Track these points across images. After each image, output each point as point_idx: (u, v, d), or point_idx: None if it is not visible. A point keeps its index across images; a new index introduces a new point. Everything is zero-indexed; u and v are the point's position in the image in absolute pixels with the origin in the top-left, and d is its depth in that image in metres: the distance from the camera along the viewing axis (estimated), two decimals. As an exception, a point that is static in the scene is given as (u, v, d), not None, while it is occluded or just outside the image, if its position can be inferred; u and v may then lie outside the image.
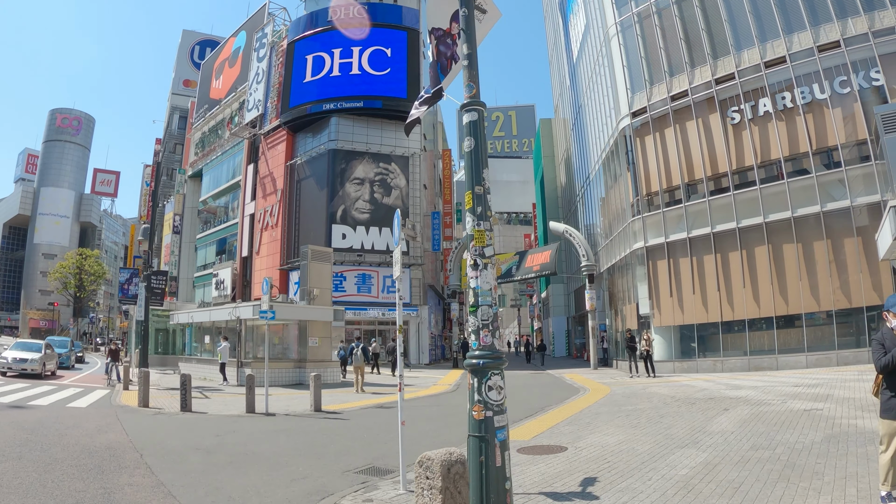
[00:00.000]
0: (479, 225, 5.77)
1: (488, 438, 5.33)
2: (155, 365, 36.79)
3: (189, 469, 8.59)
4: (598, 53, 33.78)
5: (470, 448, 5.48)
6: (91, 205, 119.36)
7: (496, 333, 5.65)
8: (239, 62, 55.15)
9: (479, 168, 5.89)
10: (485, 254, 5.74)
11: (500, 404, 5.44)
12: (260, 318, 16.50)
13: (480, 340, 5.65)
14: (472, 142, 5.92)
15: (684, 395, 16.03)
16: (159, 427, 12.99)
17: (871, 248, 21.32)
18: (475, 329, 5.65)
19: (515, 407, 15.84)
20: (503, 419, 5.46)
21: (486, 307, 5.66)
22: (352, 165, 41.93)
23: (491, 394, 5.41)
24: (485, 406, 5.41)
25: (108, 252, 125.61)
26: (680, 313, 25.51)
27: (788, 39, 23.89)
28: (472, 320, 5.67)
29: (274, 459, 9.30)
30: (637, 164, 28.10)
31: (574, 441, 9.81)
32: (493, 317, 5.66)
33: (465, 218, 5.93)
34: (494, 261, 5.83)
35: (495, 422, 5.39)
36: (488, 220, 5.81)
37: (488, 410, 5.39)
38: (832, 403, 11.93)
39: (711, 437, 9.42)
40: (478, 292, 5.73)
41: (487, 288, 5.69)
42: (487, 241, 5.78)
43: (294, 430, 12.52)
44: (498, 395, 5.45)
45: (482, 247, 5.76)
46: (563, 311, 54.42)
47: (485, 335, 5.61)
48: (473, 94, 6.00)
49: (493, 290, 5.70)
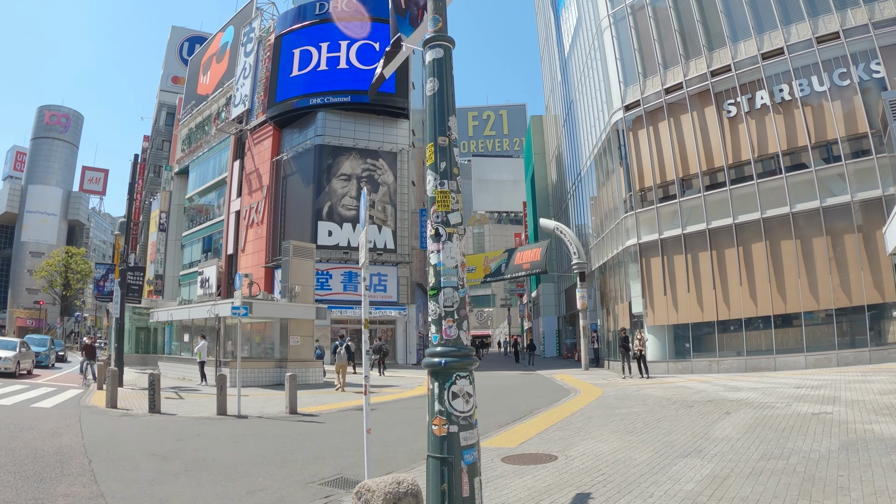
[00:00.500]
0: (442, 185, 4.79)
1: (452, 461, 4.31)
2: (136, 364, 36.10)
3: (137, 478, 7.82)
4: (591, 47, 33.03)
5: (429, 472, 4.47)
6: (79, 203, 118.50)
7: (463, 324, 4.62)
8: (226, 57, 54.35)
9: (443, 115, 4.95)
10: (449, 221, 4.72)
11: (467, 416, 4.41)
12: (232, 315, 15.57)
13: (443, 333, 4.59)
14: (435, 83, 5.00)
15: (681, 397, 15.21)
16: (120, 430, 12.27)
17: (872, 244, 20.69)
18: (436, 318, 4.65)
19: (501, 410, 15.04)
20: (472, 436, 4.45)
21: (451, 290, 4.61)
22: (339, 161, 41.12)
23: (456, 403, 4.38)
24: (448, 419, 4.37)
25: (95, 251, 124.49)
26: (674, 312, 24.75)
27: (786, 30, 23.19)
28: (433, 306, 4.67)
29: (233, 468, 8.50)
30: (630, 158, 27.34)
31: (565, 449, 8.93)
32: (460, 302, 4.61)
33: (427, 176, 4.96)
34: (462, 230, 4.81)
35: (461, 439, 4.33)
36: (455, 178, 4.80)
37: (452, 424, 4.35)
38: (841, 406, 11.12)
39: (715, 444, 8.56)
40: (440, 270, 4.71)
41: (453, 265, 4.65)
42: (453, 206, 4.76)
43: (263, 435, 11.66)
44: (465, 405, 4.42)
45: (446, 212, 4.76)
46: (554, 311, 53.70)
47: (448, 326, 4.56)
48: (439, 29, 5.10)
49: (459, 267, 4.67)
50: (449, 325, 4.59)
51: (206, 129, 55.46)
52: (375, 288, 39.39)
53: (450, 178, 4.83)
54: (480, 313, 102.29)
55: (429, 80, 5.05)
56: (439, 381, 4.47)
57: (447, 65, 5.02)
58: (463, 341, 4.60)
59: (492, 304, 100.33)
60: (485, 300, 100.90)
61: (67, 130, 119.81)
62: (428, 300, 4.68)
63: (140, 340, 39.78)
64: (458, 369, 4.47)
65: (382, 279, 39.93)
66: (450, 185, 4.81)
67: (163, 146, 72.73)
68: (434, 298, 4.66)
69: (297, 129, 43.62)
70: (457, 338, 4.58)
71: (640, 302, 26.05)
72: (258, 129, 45.97)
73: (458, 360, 4.49)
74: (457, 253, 4.66)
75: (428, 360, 4.62)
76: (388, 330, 40.65)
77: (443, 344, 4.61)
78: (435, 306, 4.66)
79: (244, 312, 15.60)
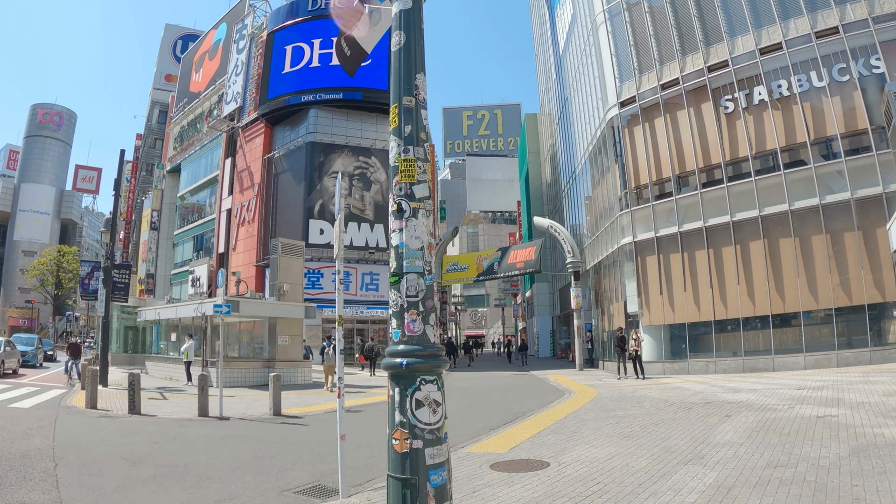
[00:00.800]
0: (406, 152, 4.20)
1: (416, 483, 3.65)
2: (124, 364, 35.58)
3: (101, 484, 7.40)
4: (585, 43, 32.59)
5: (389, 496, 3.84)
6: (72, 201, 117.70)
7: (430, 318, 4.01)
8: (219, 55, 53.95)
9: (409, 72, 4.34)
10: (414, 194, 4.13)
11: (435, 429, 3.77)
12: (215, 314, 15.07)
13: (405, 328, 3.95)
14: (401, 37, 4.40)
15: (678, 398, 14.73)
16: (95, 431, 11.85)
17: (872, 242, 20.28)
18: (397, 310, 4.04)
19: (492, 412, 14.55)
20: (441, 452, 3.81)
21: (415, 276, 4.00)
22: (330, 159, 40.62)
23: (420, 413, 3.74)
24: (411, 432, 3.72)
25: (89, 250, 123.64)
26: (670, 312, 24.29)
27: (785, 25, 22.77)
28: (394, 296, 4.07)
29: (206, 473, 8.03)
30: (625, 155, 26.88)
31: (558, 454, 8.43)
32: (427, 291, 4.01)
33: (390, 143, 4.42)
34: (429, 206, 4.26)
35: (427, 457, 3.66)
36: (422, 145, 4.22)
37: (416, 439, 3.69)
38: (846, 409, 10.65)
39: (718, 450, 8.06)
40: (402, 252, 4.08)
41: (418, 246, 4.05)
42: (419, 176, 4.16)
43: (243, 438, 11.18)
44: (432, 416, 3.77)
45: (410, 184, 4.16)
46: (548, 311, 53.30)
47: (412, 320, 3.92)
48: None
49: (426, 249, 4.07)
50: (412, 318, 3.96)
51: (198, 127, 55.01)
52: (367, 287, 38.93)
53: (416, 143, 4.24)
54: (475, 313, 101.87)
55: (394, 33, 4.47)
56: (400, 387, 3.85)
57: (416, 17, 4.45)
58: (429, 338, 3.95)
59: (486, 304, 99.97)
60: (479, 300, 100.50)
61: (61, 129, 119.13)
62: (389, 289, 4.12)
63: (128, 340, 39.21)
64: (424, 372, 3.82)
65: (374, 278, 39.43)
66: (416, 153, 4.21)
67: (155, 144, 72.34)
68: (395, 286, 4.03)
69: (289, 127, 43.14)
70: (422, 334, 3.94)
71: (636, 301, 25.58)
72: (250, 126, 45.45)
73: (424, 362, 3.83)
74: (423, 232, 4.06)
75: (387, 361, 4.01)
76: (381, 330, 40.16)
77: (405, 341, 3.97)
78: (396, 296, 4.03)
79: (227, 311, 15.08)
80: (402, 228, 4.11)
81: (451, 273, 43.24)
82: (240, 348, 25.99)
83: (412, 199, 4.15)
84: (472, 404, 17.10)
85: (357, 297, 38.71)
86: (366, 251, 39.00)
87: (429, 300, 4.02)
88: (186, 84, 59.44)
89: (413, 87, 4.31)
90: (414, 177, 4.15)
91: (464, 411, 15.27)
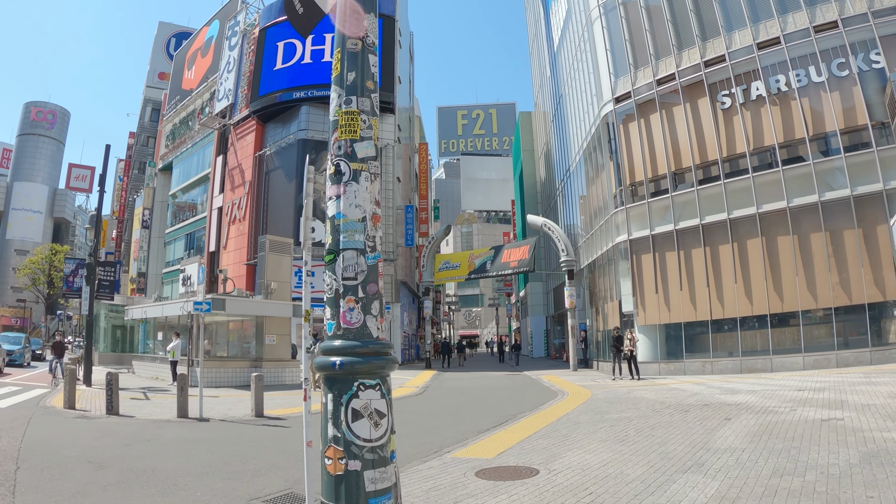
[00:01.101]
0: (348, 103, 3.54)
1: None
2: (111, 363, 35.12)
3: (61, 489, 6.95)
4: (580, 39, 32.14)
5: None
6: (65, 200, 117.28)
7: (373, 306, 3.31)
8: (211, 52, 53.44)
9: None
10: (356, 153, 3.46)
11: (377, 447, 3.03)
12: (195, 311, 14.55)
13: (340, 318, 3.28)
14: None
15: (675, 400, 14.24)
16: (68, 433, 11.41)
17: (872, 240, 19.86)
18: (332, 296, 3.41)
19: (482, 414, 14.02)
20: (385, 476, 3.06)
21: (354, 254, 3.33)
22: (322, 156, 39.91)
23: (358, 426, 3.00)
24: (346, 450, 2.96)
25: (81, 249, 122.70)
26: (666, 311, 23.82)
27: (783, 19, 22.35)
28: (328, 279, 3.45)
29: (174, 479, 7.54)
30: (620, 152, 26.42)
31: (548, 460, 7.90)
32: (369, 273, 3.34)
33: (330, 94, 3.84)
34: (375, 168, 3.60)
35: (367, 481, 2.92)
36: (369, 96, 3.57)
37: (353, 459, 2.94)
38: (851, 411, 10.16)
39: (718, 456, 7.55)
40: (339, 225, 3.46)
41: (358, 216, 3.38)
42: (363, 132, 3.49)
43: (220, 440, 10.67)
44: (374, 430, 3.03)
45: (351, 140, 3.51)
46: (542, 311, 52.88)
47: (349, 308, 3.25)
48: None
49: (369, 221, 3.42)
50: (349, 306, 3.27)
51: (189, 125, 54.43)
52: (359, 286, 38.38)
53: (360, 93, 3.57)
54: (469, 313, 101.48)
55: None
56: (334, 393, 3.13)
57: None
58: (371, 332, 3.25)
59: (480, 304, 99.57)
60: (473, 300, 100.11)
61: (54, 127, 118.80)
62: (337, 288, 3.47)
63: (116, 339, 38.65)
64: (363, 374, 3.11)
65: (366, 277, 38.85)
66: (360, 104, 3.54)
67: (148, 143, 71.82)
68: (330, 267, 3.44)
69: (281, 124, 42.59)
70: (361, 326, 3.25)
71: (631, 300, 25.12)
72: (241, 123, 44.88)
73: (363, 361, 3.12)
74: (365, 199, 3.43)
75: (318, 361, 3.34)
76: (372, 329, 39.58)
77: (341, 335, 3.26)
78: (331, 279, 3.41)
79: (207, 308, 14.59)
80: (339, 195, 3.49)
81: (444, 272, 42.76)
82: (228, 348, 25.47)
83: (353, 158, 3.49)
84: (461, 405, 16.61)
85: (349, 296, 38.12)
86: (357, 249, 38.45)
87: (371, 284, 3.34)
88: (179, 81, 58.87)
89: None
90: (357, 132, 3.50)
91: (452, 413, 14.79)
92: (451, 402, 17.29)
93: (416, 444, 9.81)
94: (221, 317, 24.26)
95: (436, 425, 12.35)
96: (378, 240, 3.53)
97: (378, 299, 3.40)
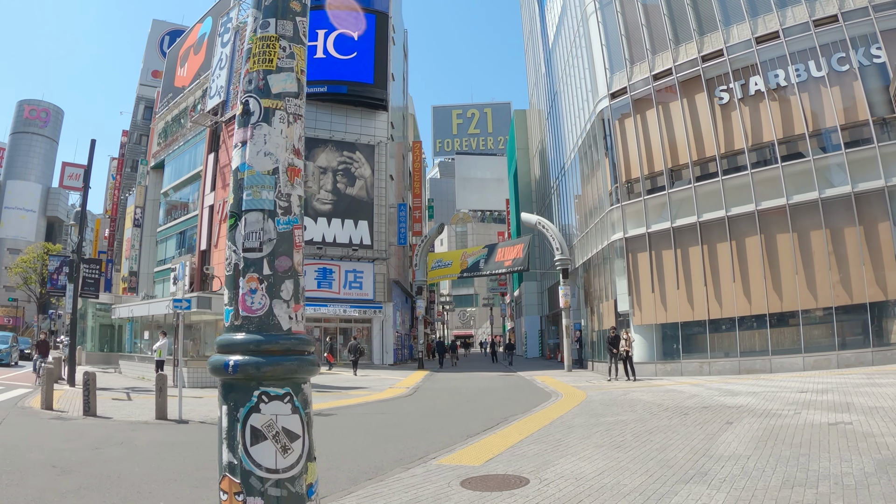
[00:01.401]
0: (265, 27, 2.78)
1: None
2: (99, 363, 34.72)
3: (15, 497, 6.56)
4: (575, 34, 31.68)
5: None
6: (59, 199, 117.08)
7: (284, 287, 2.58)
8: (204, 49, 52.90)
9: None
10: (270, 88, 2.70)
11: (287, 479, 2.29)
12: (175, 309, 14.02)
13: (239, 303, 2.56)
14: None
15: (673, 402, 13.73)
16: (38, 434, 11.06)
17: (874, 238, 19.42)
18: (230, 274, 2.67)
19: (472, 416, 13.45)
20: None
21: (259, 216, 2.58)
22: (314, 153, 39.55)
23: (259, 451, 2.27)
24: (244, 482, 2.26)
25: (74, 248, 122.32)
26: (662, 310, 23.33)
27: (782, 13, 21.92)
28: (228, 251, 2.71)
29: (138, 486, 7.09)
30: (616, 149, 25.94)
31: (540, 468, 7.36)
32: (280, 242, 2.60)
33: (248, 21, 3.15)
34: (296, 108, 2.79)
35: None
36: (292, 18, 2.79)
37: (253, 496, 2.24)
38: (859, 415, 9.66)
39: (722, 464, 7.02)
40: (241, 178, 2.70)
41: (268, 168, 2.61)
42: (280, 62, 2.73)
43: (195, 444, 10.18)
44: (281, 456, 2.29)
45: (265, 72, 2.74)
46: (537, 310, 52.43)
47: (250, 289, 2.51)
48: None
49: (283, 174, 2.65)
50: (251, 286, 2.52)
51: (182, 123, 53.89)
52: (350, 285, 37.91)
53: (281, 15, 2.80)
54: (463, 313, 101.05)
55: None
56: (229, 404, 2.44)
57: None
58: (280, 322, 2.51)
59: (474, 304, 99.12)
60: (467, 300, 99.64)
61: (47, 125, 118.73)
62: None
63: (104, 338, 38.11)
64: (267, 380, 2.39)
65: (358, 276, 38.38)
66: (280, 28, 2.78)
67: (141, 141, 71.32)
68: (231, 235, 2.66)
69: (272, 121, 42.06)
70: (266, 313, 2.52)
71: (627, 300, 24.63)
72: (233, 120, 44.18)
73: (266, 362, 2.40)
74: (279, 146, 2.64)
75: (211, 360, 2.66)
76: (364, 329, 39.15)
77: (238, 325, 2.56)
78: (230, 251, 2.66)
79: (187, 306, 14.06)
80: (245, 141, 2.70)
81: (436, 270, 42.28)
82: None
83: (266, 94, 2.73)
84: (451, 407, 16.11)
85: (340, 295, 37.67)
86: (349, 248, 37.97)
87: (282, 257, 2.58)
88: (171, 79, 58.37)
89: None
90: (273, 62, 2.73)
91: (441, 415, 14.28)
92: (441, 404, 16.79)
93: (401, 449, 9.30)
94: (209, 316, 23.76)
95: (423, 428, 11.84)
96: (298, 200, 2.79)
97: (292, 279, 2.66)
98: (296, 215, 2.70)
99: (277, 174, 2.67)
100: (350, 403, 16.73)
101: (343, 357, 34.62)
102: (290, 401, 2.41)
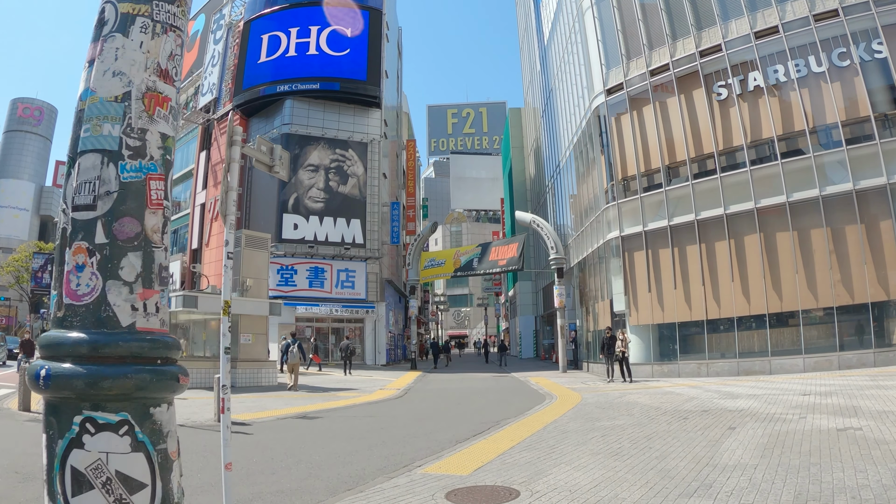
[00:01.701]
0: None
1: None
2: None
3: None
4: (571, 30, 31.22)
5: None
6: (52, 198, 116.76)
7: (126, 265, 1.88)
8: (196, 46, 52.64)
9: None
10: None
11: None
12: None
13: (63, 286, 1.86)
14: None
15: (671, 405, 13.25)
16: (9, 437, 10.78)
17: (875, 236, 19.01)
18: (58, 243, 2.00)
19: (461, 420, 12.92)
20: None
21: (96, 159, 1.92)
22: (306, 151, 38.96)
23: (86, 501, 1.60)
24: None
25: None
26: (659, 311, 22.87)
27: (781, 8, 21.52)
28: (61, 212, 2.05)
29: None
30: (612, 146, 25.48)
31: (531, 479, 6.85)
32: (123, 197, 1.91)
33: None
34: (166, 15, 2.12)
35: None
36: None
37: None
38: (868, 419, 9.19)
39: (727, 474, 6.53)
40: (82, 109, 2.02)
41: (116, 93, 1.95)
42: None
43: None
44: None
45: None
46: (531, 310, 51.98)
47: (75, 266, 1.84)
48: None
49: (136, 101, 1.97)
50: (77, 261, 1.87)
51: (174, 120, 53.51)
52: (343, 284, 37.37)
53: None
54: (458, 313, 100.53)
55: None
56: (48, 433, 1.83)
57: None
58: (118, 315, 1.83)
59: (469, 304, 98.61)
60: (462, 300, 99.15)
61: (41, 124, 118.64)
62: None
63: (93, 339, 37.60)
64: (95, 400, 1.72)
65: (350, 275, 37.85)
66: None
67: (134, 139, 71.02)
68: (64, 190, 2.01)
69: (265, 118, 41.64)
70: (97, 301, 1.84)
71: (622, 300, 24.15)
72: (225, 118, 43.75)
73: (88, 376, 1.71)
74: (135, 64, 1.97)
75: (29, 367, 2.02)
76: (357, 329, 38.64)
77: (61, 318, 1.90)
78: (61, 212, 1.99)
79: (166, 305, 13.44)
80: (93, 59, 2.05)
81: (429, 269, 41.80)
82: (205, 347, 24.39)
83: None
84: (441, 410, 15.59)
85: (332, 294, 37.15)
86: (341, 247, 37.44)
87: (126, 219, 1.90)
88: (163, 76, 57.92)
89: None
90: None
91: (431, 418, 13.75)
92: (431, 406, 16.29)
93: (386, 456, 8.78)
94: (197, 315, 23.25)
95: (411, 433, 11.32)
96: (159, 140, 2.11)
97: (140, 251, 1.96)
98: (154, 160, 2.04)
99: (128, 101, 2.00)
100: (338, 405, 16.22)
101: (335, 357, 34.16)
102: (128, 432, 1.75)
